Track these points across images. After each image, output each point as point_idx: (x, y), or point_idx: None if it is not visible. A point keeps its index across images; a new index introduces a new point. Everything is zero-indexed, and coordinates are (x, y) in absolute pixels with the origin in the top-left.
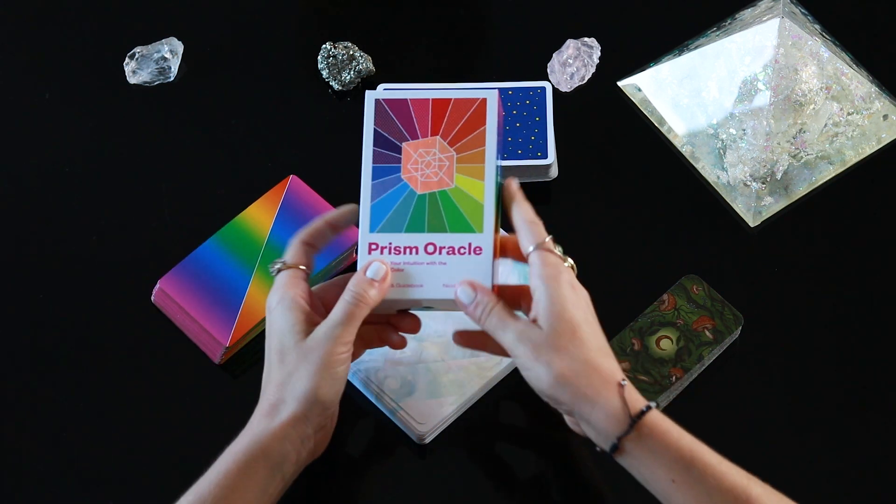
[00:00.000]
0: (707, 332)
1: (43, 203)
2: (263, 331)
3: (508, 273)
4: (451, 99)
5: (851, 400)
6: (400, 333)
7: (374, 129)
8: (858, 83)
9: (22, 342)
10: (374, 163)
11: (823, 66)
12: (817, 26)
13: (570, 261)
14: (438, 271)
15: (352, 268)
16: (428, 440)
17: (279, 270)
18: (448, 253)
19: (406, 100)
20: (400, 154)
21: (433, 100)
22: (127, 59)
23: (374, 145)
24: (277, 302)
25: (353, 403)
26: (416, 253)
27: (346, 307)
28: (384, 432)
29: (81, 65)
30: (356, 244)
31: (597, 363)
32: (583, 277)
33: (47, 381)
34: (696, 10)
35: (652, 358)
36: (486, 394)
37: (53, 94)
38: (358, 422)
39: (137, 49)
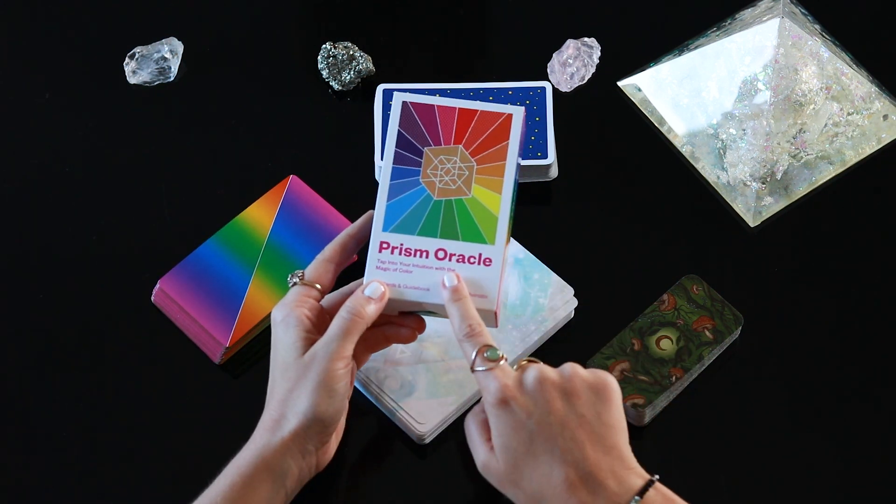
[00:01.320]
0: (707, 332)
1: (43, 203)
2: (263, 331)
3: (508, 273)
4: (477, 110)
5: (851, 400)
6: (408, 328)
7: (398, 131)
8: (858, 83)
9: (22, 342)
10: (394, 163)
11: (823, 66)
12: (817, 26)
13: (503, 361)
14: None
15: (350, 270)
16: (428, 440)
17: (294, 284)
18: (458, 261)
19: (433, 105)
20: (421, 158)
21: (459, 109)
22: (127, 59)
23: (397, 146)
24: (282, 319)
25: (354, 403)
26: (427, 257)
27: (342, 323)
28: (384, 432)
29: (81, 65)
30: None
31: (546, 496)
32: (583, 277)
33: (47, 381)
34: (696, 10)
35: (652, 358)
36: None
37: (53, 94)
38: (358, 422)
39: (137, 49)
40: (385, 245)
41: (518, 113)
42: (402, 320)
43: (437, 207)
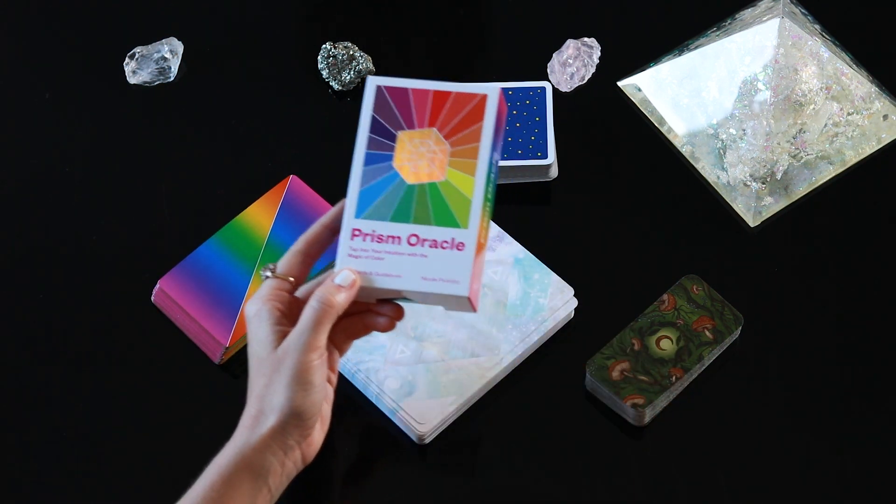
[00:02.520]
0: (707, 332)
1: (43, 203)
2: None
3: (508, 273)
4: (451, 92)
5: (851, 400)
6: (386, 316)
7: (372, 115)
8: (858, 83)
9: (22, 342)
10: (367, 149)
11: (823, 66)
12: (817, 26)
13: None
14: (419, 263)
15: None
16: (428, 440)
17: (266, 277)
18: (431, 246)
19: (407, 88)
20: (394, 142)
21: (434, 91)
22: (127, 59)
23: (370, 131)
24: (255, 313)
25: (353, 403)
26: (399, 243)
27: (312, 313)
28: (384, 432)
29: (81, 65)
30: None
31: None
32: (583, 277)
33: (47, 380)
34: (696, 10)
35: (652, 358)
36: (486, 394)
37: (53, 94)
38: (358, 422)
39: (137, 49)
40: (357, 232)
41: (493, 93)
42: (379, 308)
43: (411, 192)
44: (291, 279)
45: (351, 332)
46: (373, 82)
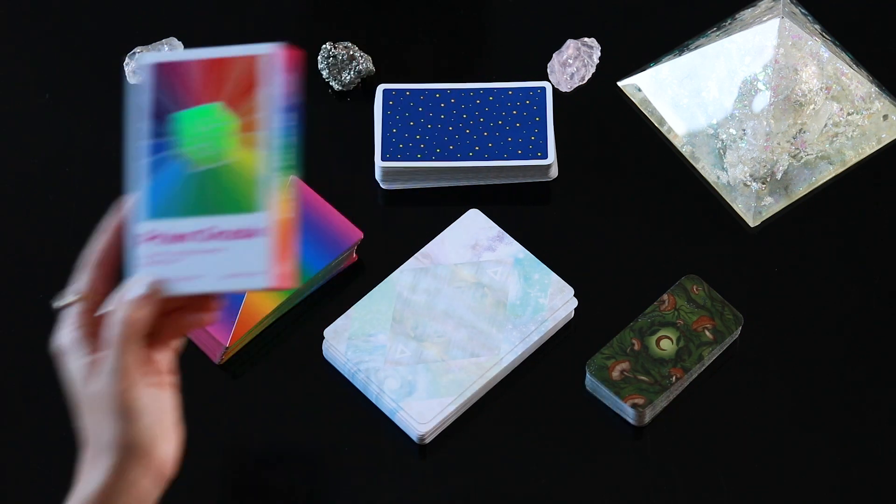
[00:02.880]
0: (707, 332)
1: (43, 203)
2: (263, 331)
3: (508, 273)
4: (232, 58)
5: (852, 400)
6: (204, 311)
7: (151, 99)
8: (858, 83)
9: (22, 342)
10: (147, 138)
11: (823, 66)
12: (817, 26)
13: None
14: (217, 260)
15: (350, 268)
16: (428, 440)
17: (64, 306)
18: (226, 238)
19: (185, 62)
20: (178, 125)
21: (214, 60)
22: (127, 59)
23: (150, 117)
24: (59, 349)
25: (354, 403)
26: (194, 240)
27: (115, 338)
28: (384, 432)
29: (81, 65)
30: (354, 244)
31: None
32: (583, 277)
33: (47, 380)
34: (696, 10)
35: (652, 358)
36: (486, 394)
37: (54, 94)
38: (358, 422)
39: (137, 49)
40: (147, 235)
41: (273, 52)
42: (194, 304)
43: (200, 180)
44: (94, 297)
45: (175, 330)
46: (146, 60)
